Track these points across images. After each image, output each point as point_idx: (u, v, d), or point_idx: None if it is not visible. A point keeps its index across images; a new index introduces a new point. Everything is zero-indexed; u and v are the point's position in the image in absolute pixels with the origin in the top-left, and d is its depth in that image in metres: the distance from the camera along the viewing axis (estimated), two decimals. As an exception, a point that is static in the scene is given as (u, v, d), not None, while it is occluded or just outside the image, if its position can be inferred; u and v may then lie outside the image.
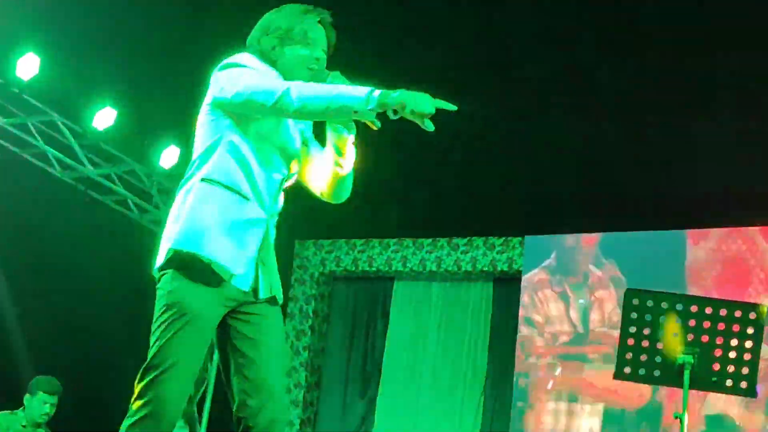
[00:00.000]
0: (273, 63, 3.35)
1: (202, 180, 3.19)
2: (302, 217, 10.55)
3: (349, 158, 3.39)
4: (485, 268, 10.89)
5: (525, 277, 10.32)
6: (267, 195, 3.28)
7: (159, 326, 3.11)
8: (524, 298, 10.28)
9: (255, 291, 3.23)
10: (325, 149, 3.42)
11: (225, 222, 3.15)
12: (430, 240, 11.11)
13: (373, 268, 11.38)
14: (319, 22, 3.43)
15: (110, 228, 9.67)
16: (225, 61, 3.30)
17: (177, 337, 3.10)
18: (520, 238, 10.62)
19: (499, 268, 10.79)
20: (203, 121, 3.30)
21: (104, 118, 9.24)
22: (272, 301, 3.31)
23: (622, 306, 4.86)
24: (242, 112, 3.20)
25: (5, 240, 8.73)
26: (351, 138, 3.35)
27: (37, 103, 8.88)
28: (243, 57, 3.30)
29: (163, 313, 3.11)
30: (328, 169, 3.40)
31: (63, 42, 8.39)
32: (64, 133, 9.22)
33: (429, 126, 2.97)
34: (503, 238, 10.79)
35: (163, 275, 3.16)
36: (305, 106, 3.04)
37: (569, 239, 10.37)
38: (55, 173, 9.37)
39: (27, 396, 7.04)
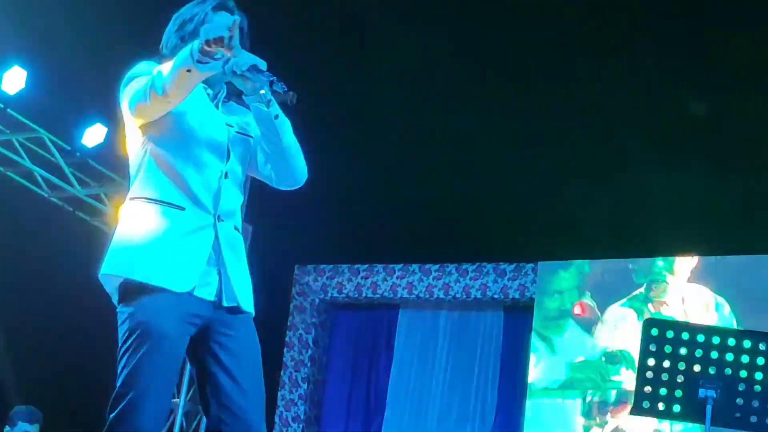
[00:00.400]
0: None
1: (131, 199, 3.24)
2: (302, 241, 10.62)
3: (284, 134, 3.35)
4: (495, 296, 10.86)
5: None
6: (206, 196, 3.27)
7: (125, 352, 3.11)
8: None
9: (219, 300, 3.24)
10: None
11: (160, 238, 3.16)
12: (437, 266, 11.10)
13: (377, 295, 11.37)
14: (219, 8, 3.42)
15: (100, 250, 9.66)
16: (124, 77, 3.35)
17: (144, 362, 3.10)
18: (532, 264, 10.60)
19: (510, 296, 10.77)
20: (128, 145, 3.36)
21: (94, 135, 9.28)
22: (239, 310, 3.29)
23: (641, 336, 4.84)
24: (147, 120, 3.24)
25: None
26: (272, 112, 3.31)
27: (24, 119, 8.93)
28: (136, 67, 3.32)
29: (127, 338, 3.11)
30: (268, 152, 3.42)
31: (51, 55, 8.47)
32: (52, 151, 9.23)
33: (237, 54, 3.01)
34: (515, 264, 10.78)
35: (121, 299, 3.17)
36: (164, 87, 3.05)
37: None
38: (41, 193, 9.36)
39: (6, 428, 7.06)
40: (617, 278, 10.47)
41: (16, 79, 8.69)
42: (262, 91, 3.22)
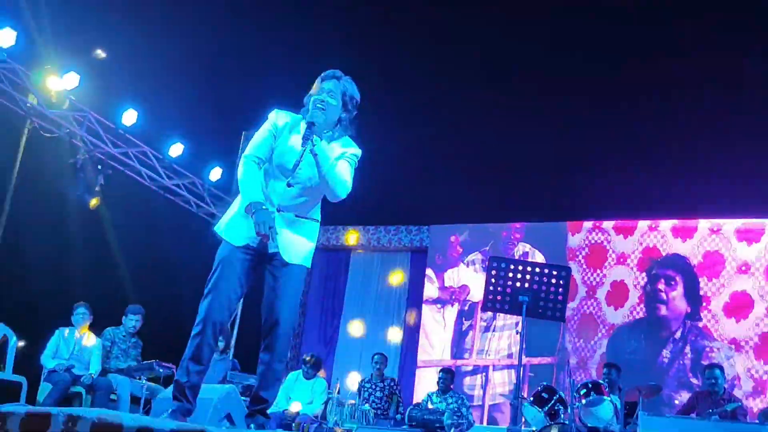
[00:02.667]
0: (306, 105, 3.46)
1: None
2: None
3: (319, 167, 3.09)
4: (406, 245, 11.56)
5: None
6: (275, 197, 3.22)
7: (211, 271, 3.45)
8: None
9: (265, 246, 3.25)
10: None
11: (241, 213, 3.26)
12: (373, 227, 11.77)
13: (339, 244, 11.95)
14: (333, 77, 3.29)
15: (178, 219, 9.64)
16: None
17: (215, 275, 3.26)
18: (426, 227, 11.40)
19: (414, 245, 11.46)
20: None
21: (176, 149, 9.31)
22: (284, 262, 3.21)
23: (487, 266, 5.06)
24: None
25: (120, 232, 8.81)
26: (314, 150, 3.09)
27: (135, 140, 9.01)
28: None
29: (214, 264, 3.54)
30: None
31: (154, 98, 8.66)
32: (151, 158, 9.25)
33: None
34: (417, 227, 11.47)
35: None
36: None
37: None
38: (145, 182, 9.37)
39: (123, 317, 7.71)
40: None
41: (131, 116, 8.93)
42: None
